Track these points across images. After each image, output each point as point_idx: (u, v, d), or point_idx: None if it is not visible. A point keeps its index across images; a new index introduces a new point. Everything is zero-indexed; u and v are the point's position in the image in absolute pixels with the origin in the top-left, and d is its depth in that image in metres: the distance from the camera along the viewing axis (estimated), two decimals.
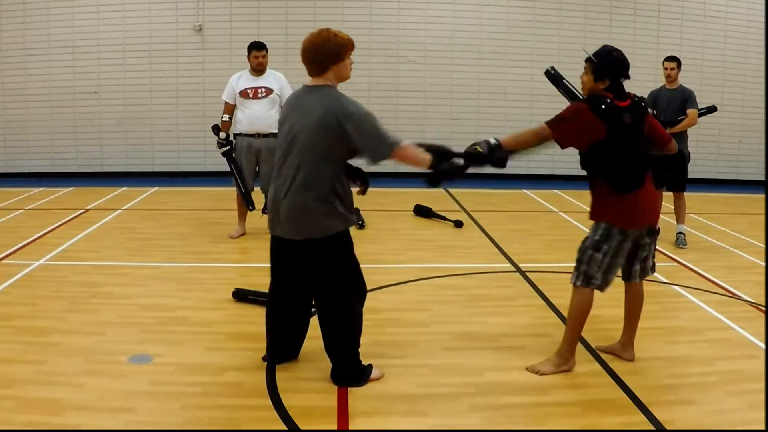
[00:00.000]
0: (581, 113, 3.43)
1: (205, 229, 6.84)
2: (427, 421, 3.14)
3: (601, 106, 3.41)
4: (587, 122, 3.41)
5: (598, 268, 3.54)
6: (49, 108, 10.18)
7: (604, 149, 3.46)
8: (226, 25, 10.14)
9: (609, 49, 3.55)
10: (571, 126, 3.45)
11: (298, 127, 3.20)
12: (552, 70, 4.23)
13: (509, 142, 3.53)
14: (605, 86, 3.47)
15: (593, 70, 3.48)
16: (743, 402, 3.34)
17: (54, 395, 3.24)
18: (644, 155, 3.57)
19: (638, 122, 3.54)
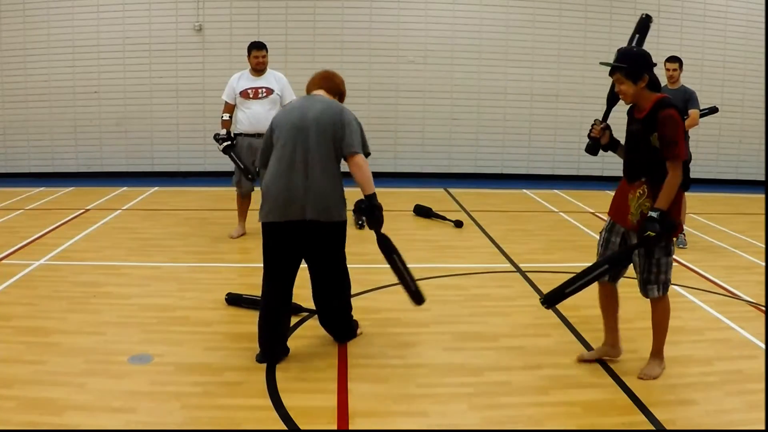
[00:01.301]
0: (678, 119, 3.34)
1: (205, 229, 6.84)
2: (427, 421, 3.14)
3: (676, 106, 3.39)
4: (682, 124, 3.39)
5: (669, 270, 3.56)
6: (49, 108, 10.18)
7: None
8: (226, 25, 10.14)
9: (627, 49, 3.51)
10: (682, 136, 3.38)
11: (307, 126, 3.60)
12: None
13: (664, 203, 3.31)
14: (645, 84, 3.39)
15: (629, 75, 3.37)
16: (743, 402, 3.34)
17: (54, 395, 3.24)
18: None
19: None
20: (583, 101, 10.73)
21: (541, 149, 10.80)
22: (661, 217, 3.29)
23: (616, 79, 3.46)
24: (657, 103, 3.37)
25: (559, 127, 10.79)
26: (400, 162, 10.50)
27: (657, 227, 3.27)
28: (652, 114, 3.36)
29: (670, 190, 3.32)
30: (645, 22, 3.94)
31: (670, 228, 3.32)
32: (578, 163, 10.94)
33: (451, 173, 10.67)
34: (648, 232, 3.29)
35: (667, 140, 3.29)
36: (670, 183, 3.31)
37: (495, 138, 10.69)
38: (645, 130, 3.40)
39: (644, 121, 3.41)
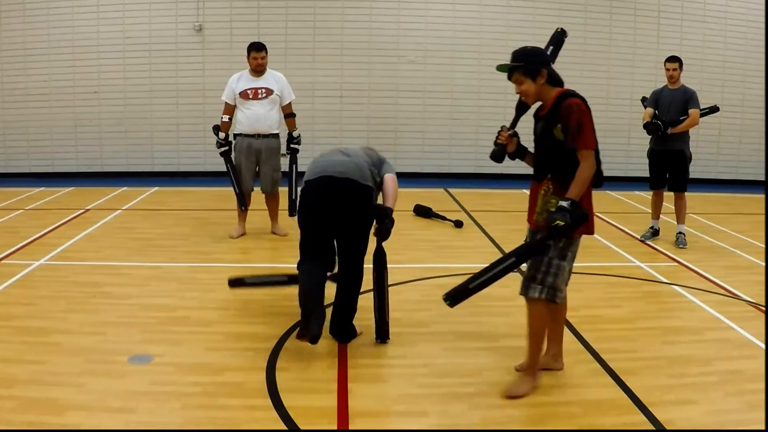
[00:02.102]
0: (581, 106, 3.22)
1: (205, 229, 6.84)
2: (427, 421, 3.14)
3: (585, 100, 3.29)
4: (588, 112, 3.27)
5: (564, 279, 3.35)
6: (49, 108, 10.19)
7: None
8: (226, 25, 10.14)
9: (521, 48, 3.35)
10: (591, 125, 3.27)
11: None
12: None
13: (574, 193, 3.19)
14: (545, 79, 3.28)
15: (527, 72, 3.26)
16: (743, 402, 3.34)
17: (54, 395, 3.24)
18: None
19: None
20: None
21: None
22: (571, 207, 3.12)
23: (515, 80, 3.32)
24: (559, 96, 3.27)
25: None
26: (400, 162, 10.48)
27: (567, 217, 3.09)
28: (554, 107, 3.27)
29: (581, 180, 3.19)
30: (560, 36, 3.95)
31: (580, 218, 3.14)
32: None
33: (451, 173, 10.67)
34: (557, 222, 3.10)
35: (571, 129, 3.17)
36: (580, 173, 3.18)
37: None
38: (548, 124, 3.32)
39: (547, 116, 3.33)
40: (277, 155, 6.39)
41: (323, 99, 10.27)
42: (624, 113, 10.58)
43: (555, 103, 3.28)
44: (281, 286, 4.36)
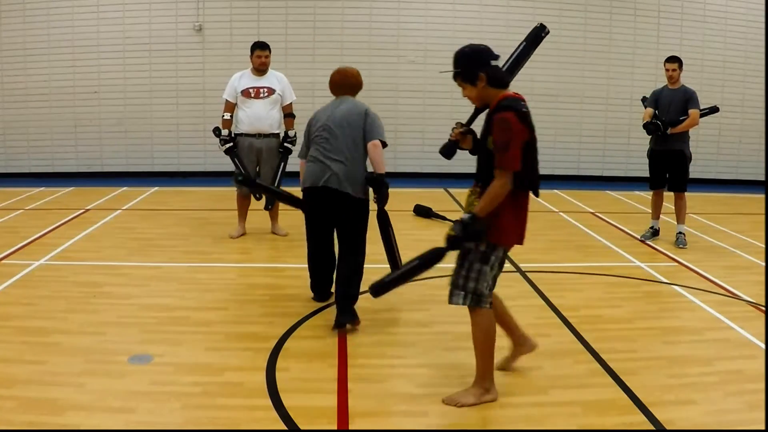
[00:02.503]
0: (513, 124, 3.04)
1: (205, 229, 6.84)
2: (427, 421, 3.14)
3: (523, 110, 3.09)
4: (519, 130, 3.06)
5: (488, 284, 3.23)
6: (49, 108, 10.19)
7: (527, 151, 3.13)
8: (226, 25, 10.14)
9: (459, 51, 3.20)
10: (517, 143, 3.05)
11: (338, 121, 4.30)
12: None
13: (479, 208, 3.10)
14: (486, 82, 3.14)
15: (465, 78, 3.15)
16: (743, 402, 3.34)
17: (54, 395, 3.24)
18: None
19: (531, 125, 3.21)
20: (583, 101, 10.75)
21: (541, 149, 10.67)
22: (469, 221, 3.04)
23: (459, 86, 3.21)
24: (498, 103, 3.12)
25: (559, 127, 10.79)
26: (400, 162, 10.49)
27: (459, 230, 3.05)
28: (490, 115, 3.15)
29: (490, 197, 3.05)
30: (537, 32, 3.63)
31: (473, 234, 3.06)
32: (578, 163, 10.95)
33: (451, 173, 10.65)
34: (449, 232, 3.08)
35: (497, 146, 3.03)
36: (491, 189, 3.04)
37: None
38: (485, 131, 3.20)
39: (486, 122, 3.22)
40: (278, 155, 6.39)
41: (323, 99, 10.15)
42: (624, 113, 10.59)
43: (493, 110, 3.14)
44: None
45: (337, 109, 4.35)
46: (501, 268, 3.34)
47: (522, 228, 3.30)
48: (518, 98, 3.15)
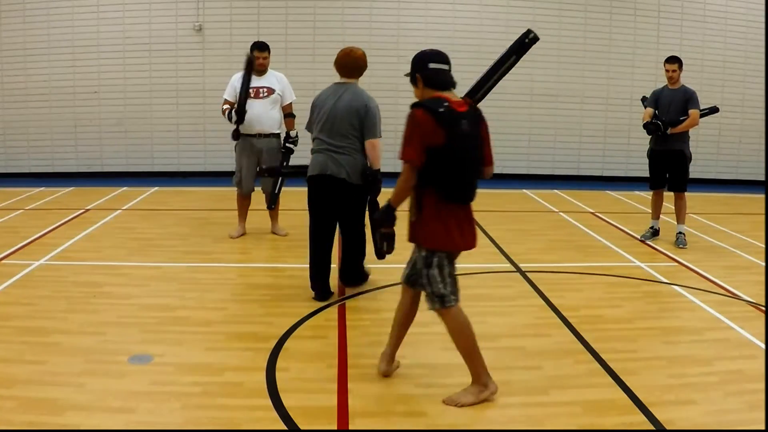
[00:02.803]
0: (418, 119, 3.15)
1: (205, 229, 6.84)
2: (427, 421, 3.14)
3: (438, 109, 3.13)
4: (426, 128, 3.14)
5: (444, 284, 3.30)
6: (49, 108, 10.19)
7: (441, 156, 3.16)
8: (226, 25, 10.14)
9: (415, 54, 3.36)
10: (418, 138, 3.16)
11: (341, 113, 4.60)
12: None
13: (392, 199, 3.35)
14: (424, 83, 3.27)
15: (411, 80, 3.33)
16: (743, 402, 3.34)
17: (54, 395, 3.24)
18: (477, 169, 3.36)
19: (474, 130, 3.27)
20: (583, 101, 10.75)
21: (541, 149, 10.80)
22: (382, 207, 3.40)
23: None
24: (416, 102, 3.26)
25: (559, 127, 10.79)
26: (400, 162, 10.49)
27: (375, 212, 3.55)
28: None
29: (396, 189, 3.28)
30: (521, 40, 3.68)
31: (380, 219, 3.43)
32: (578, 163, 10.94)
33: None
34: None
35: (403, 139, 3.23)
36: (398, 181, 3.27)
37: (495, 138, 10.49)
38: None
39: None
40: (278, 155, 6.39)
41: None
42: (624, 113, 10.59)
43: None
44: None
45: (340, 100, 4.59)
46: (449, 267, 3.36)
47: (458, 235, 3.31)
48: (443, 99, 3.19)
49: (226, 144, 6.94)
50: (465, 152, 3.22)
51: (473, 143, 3.26)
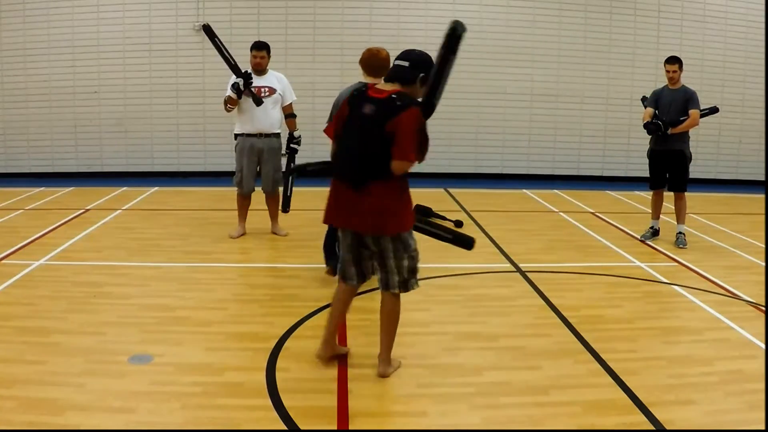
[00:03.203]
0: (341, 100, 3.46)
1: (205, 229, 6.84)
2: (427, 421, 3.14)
3: (353, 92, 3.48)
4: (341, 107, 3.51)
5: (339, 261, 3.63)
6: (49, 108, 10.18)
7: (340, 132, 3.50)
8: (226, 25, 10.12)
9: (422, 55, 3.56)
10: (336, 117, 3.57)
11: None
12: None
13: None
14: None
15: (413, 79, 3.45)
16: (743, 402, 3.34)
17: (54, 395, 3.24)
18: (357, 150, 3.37)
19: (376, 116, 3.29)
20: (583, 101, 10.75)
21: (541, 149, 10.80)
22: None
23: None
24: None
25: (559, 127, 10.79)
26: None
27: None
28: None
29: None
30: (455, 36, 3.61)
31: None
32: (578, 163, 10.94)
33: (451, 173, 10.67)
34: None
35: None
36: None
37: (495, 138, 10.69)
38: None
39: None
40: (278, 155, 6.39)
41: (323, 99, 10.21)
42: (624, 113, 10.59)
43: None
44: None
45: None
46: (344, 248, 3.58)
47: (329, 208, 3.50)
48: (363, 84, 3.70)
49: (226, 144, 6.95)
50: (349, 132, 3.41)
51: (366, 126, 3.32)
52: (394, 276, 3.47)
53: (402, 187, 3.39)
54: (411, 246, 3.48)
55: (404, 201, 3.42)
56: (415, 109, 3.28)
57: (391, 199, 3.34)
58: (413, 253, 3.49)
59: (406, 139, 3.24)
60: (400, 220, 3.40)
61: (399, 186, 3.36)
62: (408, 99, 3.31)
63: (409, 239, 3.47)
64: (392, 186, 3.33)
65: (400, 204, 3.39)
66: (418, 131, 3.28)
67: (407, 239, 3.46)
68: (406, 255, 3.45)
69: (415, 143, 3.27)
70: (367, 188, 3.31)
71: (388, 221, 3.36)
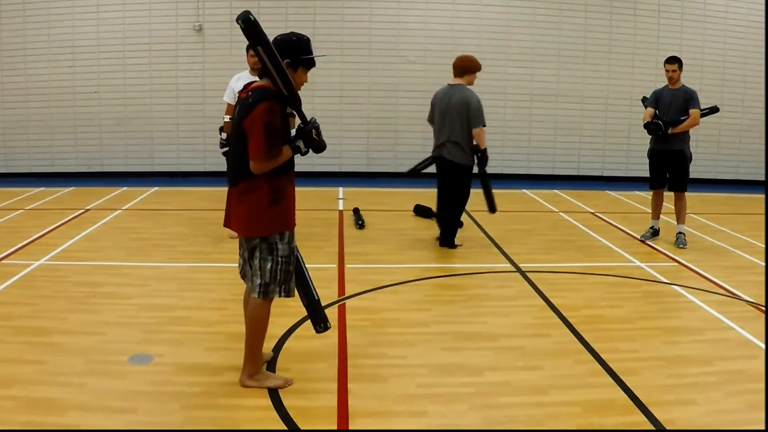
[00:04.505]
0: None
1: (205, 229, 6.84)
2: (427, 421, 3.14)
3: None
4: None
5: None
6: (49, 108, 10.19)
7: None
8: (226, 25, 10.13)
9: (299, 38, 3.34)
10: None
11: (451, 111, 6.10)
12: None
13: None
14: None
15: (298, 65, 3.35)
16: (743, 402, 3.34)
17: (54, 395, 3.24)
18: (231, 152, 3.35)
19: (237, 117, 3.22)
20: (583, 101, 10.75)
21: (540, 149, 10.80)
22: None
23: None
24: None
25: (559, 127, 10.79)
26: (400, 162, 10.48)
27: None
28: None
29: None
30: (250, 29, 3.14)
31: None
32: (578, 163, 10.94)
33: None
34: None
35: None
36: None
37: (495, 138, 10.66)
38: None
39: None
40: None
41: (323, 99, 10.27)
42: (624, 113, 10.59)
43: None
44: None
45: (451, 100, 6.08)
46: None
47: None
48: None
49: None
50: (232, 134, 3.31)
51: (233, 128, 3.26)
52: (256, 279, 3.35)
53: (271, 189, 3.21)
54: (279, 251, 3.29)
55: (275, 203, 3.23)
56: (263, 104, 3.11)
57: (258, 199, 3.21)
58: (280, 258, 3.30)
59: (255, 137, 3.11)
60: (265, 222, 3.25)
61: (267, 186, 3.20)
62: (261, 94, 3.15)
63: (278, 243, 3.29)
64: (258, 186, 3.19)
65: (269, 205, 3.23)
66: (265, 126, 3.10)
67: (275, 243, 3.29)
68: (270, 258, 3.29)
69: (263, 140, 3.10)
70: (238, 188, 3.27)
71: (254, 222, 3.26)
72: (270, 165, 3.17)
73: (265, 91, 3.18)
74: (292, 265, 3.37)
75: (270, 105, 3.13)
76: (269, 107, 3.12)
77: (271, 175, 3.20)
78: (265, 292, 3.35)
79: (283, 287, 3.36)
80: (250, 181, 3.21)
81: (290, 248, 3.34)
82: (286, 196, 3.29)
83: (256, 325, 3.40)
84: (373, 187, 9.50)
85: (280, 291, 3.37)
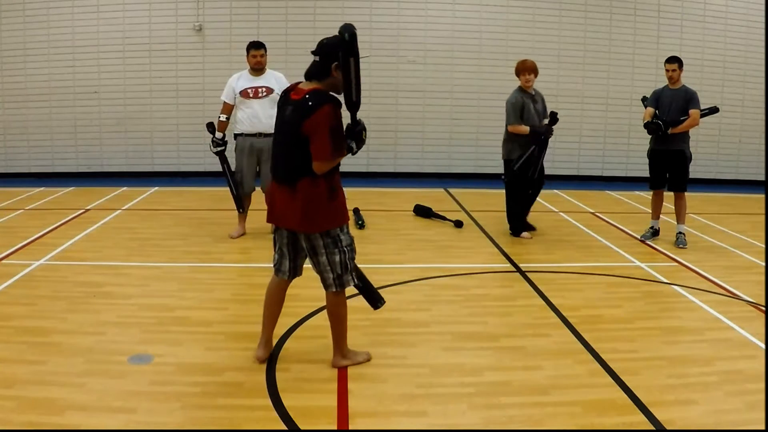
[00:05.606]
0: None
1: (205, 229, 6.84)
2: (427, 421, 3.14)
3: (281, 93, 3.62)
4: None
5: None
6: (49, 108, 10.19)
7: None
8: (226, 25, 10.14)
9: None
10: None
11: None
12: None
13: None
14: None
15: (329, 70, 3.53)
16: (743, 402, 3.34)
17: (54, 395, 3.24)
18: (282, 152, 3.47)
19: (293, 118, 3.37)
20: (583, 101, 10.75)
21: None
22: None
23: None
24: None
25: (559, 127, 10.74)
26: (400, 162, 10.50)
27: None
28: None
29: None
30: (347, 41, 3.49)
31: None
32: (578, 163, 10.94)
33: (451, 173, 10.67)
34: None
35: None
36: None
37: (495, 138, 10.60)
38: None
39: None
40: None
41: None
42: (624, 113, 10.59)
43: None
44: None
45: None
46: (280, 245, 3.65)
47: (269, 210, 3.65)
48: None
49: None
50: (277, 134, 3.53)
51: (286, 129, 3.41)
52: (328, 274, 3.50)
53: (329, 186, 3.40)
54: (343, 242, 3.48)
55: (333, 198, 3.42)
56: (327, 107, 3.30)
57: (318, 197, 3.38)
58: (345, 249, 3.49)
59: (320, 139, 3.28)
60: (328, 217, 3.42)
61: (326, 184, 3.38)
62: (321, 97, 3.33)
63: (340, 235, 3.47)
64: (318, 184, 3.36)
65: (329, 202, 3.41)
66: (331, 129, 3.30)
67: (337, 235, 3.46)
68: (337, 251, 3.45)
69: (329, 141, 3.29)
70: (295, 187, 3.38)
71: (317, 218, 3.40)
72: (332, 164, 3.38)
73: (325, 94, 3.35)
74: (355, 252, 3.57)
75: (333, 108, 3.32)
76: (333, 110, 3.32)
77: (328, 172, 3.38)
78: (341, 284, 3.52)
79: (353, 274, 3.57)
80: (309, 180, 3.36)
81: (351, 237, 3.55)
82: (340, 190, 3.49)
83: (341, 314, 3.60)
84: (373, 187, 9.51)
85: (352, 278, 3.57)
